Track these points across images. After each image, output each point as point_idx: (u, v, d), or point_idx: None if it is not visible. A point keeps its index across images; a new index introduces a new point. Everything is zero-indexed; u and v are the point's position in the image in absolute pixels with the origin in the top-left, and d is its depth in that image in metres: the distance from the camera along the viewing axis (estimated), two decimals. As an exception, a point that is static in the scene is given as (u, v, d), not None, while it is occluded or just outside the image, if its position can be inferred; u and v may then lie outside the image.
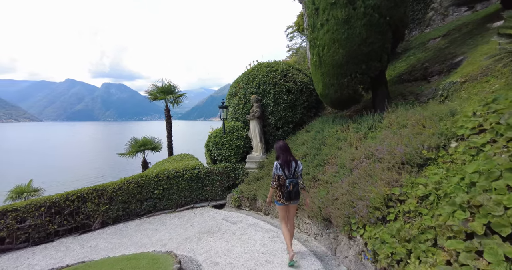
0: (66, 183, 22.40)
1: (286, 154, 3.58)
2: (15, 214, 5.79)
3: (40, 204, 6.01)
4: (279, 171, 3.51)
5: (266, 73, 7.55)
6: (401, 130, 3.75)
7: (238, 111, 7.97)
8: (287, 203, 3.53)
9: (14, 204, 5.94)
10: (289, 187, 3.37)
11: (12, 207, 5.81)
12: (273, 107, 7.33)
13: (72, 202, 6.26)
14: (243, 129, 7.65)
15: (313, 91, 7.77)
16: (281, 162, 3.53)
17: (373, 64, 4.93)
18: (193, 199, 7.36)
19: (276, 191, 3.55)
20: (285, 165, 3.51)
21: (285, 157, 3.54)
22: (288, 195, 3.39)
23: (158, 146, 14.65)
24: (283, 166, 3.51)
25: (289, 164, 3.52)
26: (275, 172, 3.53)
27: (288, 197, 3.40)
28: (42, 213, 5.98)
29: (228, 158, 7.44)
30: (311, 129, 6.84)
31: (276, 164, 3.55)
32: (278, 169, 3.52)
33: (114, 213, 6.67)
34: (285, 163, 3.51)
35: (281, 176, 3.49)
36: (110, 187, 6.63)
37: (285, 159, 3.53)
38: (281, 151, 3.61)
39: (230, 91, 8.66)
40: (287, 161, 3.53)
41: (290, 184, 3.37)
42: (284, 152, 3.58)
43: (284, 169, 3.49)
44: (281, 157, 3.56)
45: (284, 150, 3.60)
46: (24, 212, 5.85)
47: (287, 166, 3.51)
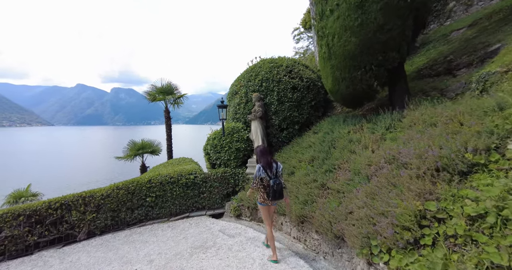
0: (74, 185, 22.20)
1: (267, 155, 3.79)
2: (-11, 224, 5.33)
3: (19, 213, 5.54)
4: (262, 173, 3.70)
5: (269, 70, 7.02)
6: (430, 129, 3.14)
7: (239, 111, 7.43)
8: (271, 203, 3.78)
9: (-9, 212, 5.47)
10: (274, 186, 3.58)
11: (-14, 217, 5.36)
12: (276, 107, 6.77)
13: (55, 210, 5.78)
14: (244, 131, 7.10)
15: (321, 88, 7.19)
16: (263, 164, 3.72)
17: (391, 54, 4.33)
18: (189, 207, 6.80)
19: (260, 193, 3.78)
20: (267, 166, 3.71)
21: (266, 159, 3.75)
22: (274, 194, 3.59)
23: (157, 149, 14.21)
24: (265, 168, 3.70)
25: (271, 165, 3.73)
26: (258, 174, 3.72)
27: (273, 196, 3.60)
28: (20, 222, 5.50)
29: (227, 162, 6.88)
30: (319, 130, 6.24)
31: (259, 166, 3.72)
32: (261, 170, 3.70)
33: (102, 223, 6.16)
34: (267, 164, 3.72)
35: (265, 178, 3.69)
36: (98, 194, 6.14)
37: (267, 160, 3.74)
38: (261, 154, 3.80)
39: (231, 90, 8.15)
40: (269, 163, 3.74)
41: (274, 184, 3.58)
42: (265, 155, 3.79)
43: (266, 170, 3.69)
44: (262, 159, 3.76)
45: (264, 153, 3.81)
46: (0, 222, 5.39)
47: (269, 167, 3.72)
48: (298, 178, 5.00)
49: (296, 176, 5.19)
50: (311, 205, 4.16)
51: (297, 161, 5.69)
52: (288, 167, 5.76)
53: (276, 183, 3.60)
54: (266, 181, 3.70)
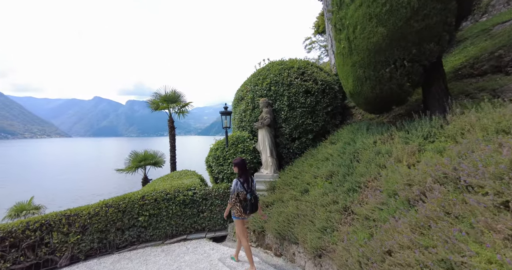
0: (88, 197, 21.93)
1: (246, 171, 4.03)
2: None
3: (-11, 235, 4.96)
4: (240, 187, 3.89)
5: (279, 72, 6.39)
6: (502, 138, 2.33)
7: (244, 119, 6.78)
8: (247, 216, 4.02)
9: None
10: (252, 199, 3.86)
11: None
12: (287, 113, 6.07)
13: (33, 232, 5.19)
14: (250, 141, 6.41)
15: (338, 93, 6.46)
16: (242, 179, 3.93)
17: (427, 47, 3.60)
18: (187, 228, 6.07)
19: (236, 207, 3.93)
20: (245, 181, 3.93)
21: (246, 174, 3.98)
22: (251, 207, 3.86)
23: (160, 160, 13.67)
24: (243, 182, 3.91)
25: (248, 180, 3.96)
26: (236, 188, 3.89)
27: (250, 209, 3.86)
28: (-9, 246, 4.91)
29: (231, 176, 6.16)
30: (337, 140, 5.47)
31: (237, 181, 3.93)
32: (239, 185, 3.89)
33: (88, 245, 5.52)
34: (245, 180, 3.94)
35: (241, 192, 3.89)
36: (84, 212, 5.53)
37: (246, 176, 3.97)
38: (243, 168, 3.99)
39: (236, 96, 7.55)
40: (247, 178, 3.97)
41: (252, 197, 3.86)
42: (245, 170, 4.01)
43: (244, 185, 3.90)
44: (244, 174, 3.96)
45: (245, 167, 4.02)
46: (-32, 245, 4.81)
47: (247, 182, 3.94)
48: (314, 198, 4.22)
49: (311, 195, 4.40)
50: (331, 234, 3.37)
51: (312, 176, 4.92)
52: (301, 183, 4.98)
53: (253, 196, 3.90)
54: (243, 195, 3.88)
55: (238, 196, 3.87)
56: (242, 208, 3.89)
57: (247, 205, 3.85)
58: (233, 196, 3.88)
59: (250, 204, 3.83)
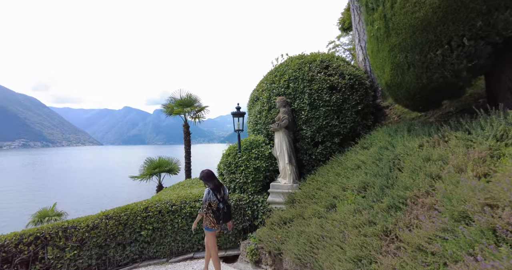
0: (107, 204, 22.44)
1: (215, 179, 4.00)
2: None
3: (-18, 248, 4.66)
4: (212, 196, 3.85)
5: (298, 67, 5.70)
6: None
7: (259, 121, 6.13)
8: (220, 227, 4.04)
9: None
10: (224, 208, 3.87)
11: None
12: (308, 113, 5.34)
13: (27, 246, 4.84)
14: (266, 146, 5.74)
15: (369, 88, 5.64)
16: (212, 186, 3.91)
17: (501, 16, 2.75)
18: (194, 245, 5.47)
19: (209, 218, 3.89)
20: (217, 189, 3.93)
21: (214, 182, 3.96)
22: (224, 216, 3.87)
23: (174, 167, 13.33)
24: (215, 191, 3.90)
25: (219, 188, 3.98)
26: (208, 197, 3.84)
27: (224, 219, 3.87)
28: (-17, 261, 4.60)
29: (243, 186, 5.50)
30: (370, 144, 4.64)
31: (208, 190, 3.90)
32: (211, 194, 3.86)
33: (85, 262, 5.08)
34: (216, 188, 3.93)
35: (214, 201, 3.85)
36: (82, 224, 5.12)
37: (216, 183, 3.97)
38: (208, 178, 3.95)
39: (251, 97, 6.95)
40: (218, 186, 3.98)
41: (224, 206, 3.87)
42: (213, 178, 3.98)
43: (216, 194, 3.88)
44: (211, 182, 3.93)
45: (212, 176, 3.99)
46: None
47: (218, 191, 3.94)
48: (343, 216, 3.43)
49: (339, 211, 3.61)
50: (368, 267, 2.57)
51: (340, 188, 4.13)
52: (326, 196, 4.20)
53: (226, 205, 3.90)
54: (215, 205, 3.86)
55: (210, 205, 3.86)
56: (215, 218, 3.88)
57: (220, 215, 3.85)
58: (204, 205, 3.85)
59: (223, 213, 3.85)
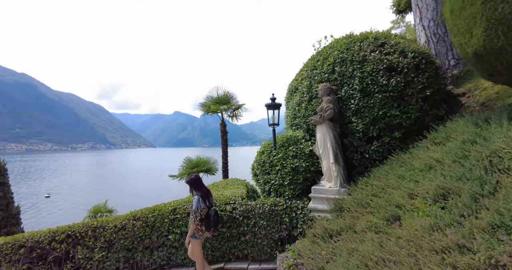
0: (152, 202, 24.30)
1: (203, 185, 4.07)
2: (-12, 256, 4.66)
3: (21, 244, 4.79)
4: (202, 204, 3.83)
5: (346, 46, 4.85)
6: None
7: (298, 114, 5.41)
8: (208, 235, 4.06)
9: (-12, 240, 4.87)
10: (214, 216, 3.91)
11: (-17, 246, 4.73)
12: (359, 101, 4.46)
13: (59, 244, 4.86)
14: (306, 142, 4.99)
15: (438, 69, 4.52)
16: (201, 194, 3.92)
17: None
18: (225, 253, 4.97)
19: (198, 226, 3.86)
20: (205, 196, 3.95)
21: (202, 189, 4.01)
22: (214, 223, 3.90)
23: (212, 167, 13.21)
24: (204, 198, 3.90)
25: (208, 195, 4.03)
26: (198, 205, 3.80)
27: (214, 226, 3.92)
28: (20, 257, 4.70)
29: (279, 188, 4.84)
30: (445, 138, 3.61)
31: (198, 198, 3.86)
32: (201, 202, 3.84)
33: (113, 265, 4.94)
34: (205, 195, 3.96)
35: (204, 209, 3.85)
36: (110, 225, 5.00)
37: (203, 191, 4.01)
38: (197, 184, 4.00)
39: (289, 88, 6.27)
40: (206, 193, 4.02)
41: (214, 213, 3.93)
42: (201, 184, 4.05)
43: (205, 201, 3.89)
44: (200, 189, 3.96)
45: (201, 182, 4.07)
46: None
47: (207, 197, 3.97)
48: (413, 233, 2.55)
49: (407, 226, 2.73)
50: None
51: (405, 194, 3.22)
52: (386, 205, 3.32)
53: (215, 211, 3.95)
54: (204, 212, 3.82)
55: (200, 213, 3.81)
56: (205, 226, 3.84)
57: (210, 222, 3.83)
58: (197, 214, 3.76)
59: (214, 220, 3.84)
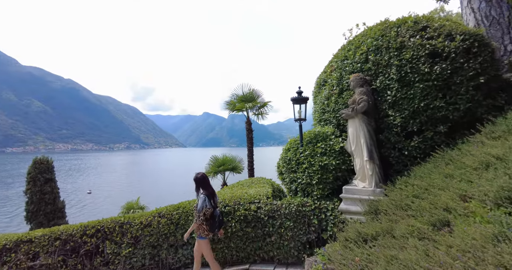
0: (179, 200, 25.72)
1: (210, 184, 4.03)
2: (29, 247, 4.90)
3: (56, 236, 4.98)
4: (208, 203, 3.77)
5: (381, 33, 4.40)
6: None
7: (327, 108, 5.05)
8: (213, 234, 4.02)
9: (31, 233, 5.12)
10: (220, 216, 3.91)
11: (28, 237, 4.98)
12: (397, 92, 4.00)
13: (90, 238, 4.99)
14: (336, 138, 4.62)
15: (494, 53, 3.90)
16: (208, 193, 3.87)
17: None
18: (250, 254, 4.76)
19: (203, 226, 3.79)
20: (212, 196, 3.92)
21: (210, 187, 4.00)
22: (219, 224, 3.86)
23: (238, 166, 13.15)
24: (210, 198, 3.85)
25: (214, 194, 3.99)
26: (204, 204, 3.73)
27: (219, 225, 3.89)
28: (56, 249, 4.89)
29: (307, 188, 4.52)
30: (507, 132, 3.07)
31: (204, 197, 3.79)
32: (207, 201, 3.77)
33: (139, 261, 4.96)
34: (211, 194, 3.93)
35: (209, 209, 3.76)
36: (136, 221, 5.04)
37: (212, 190, 3.99)
38: (204, 182, 3.94)
39: (317, 82, 5.91)
40: (212, 192, 3.98)
41: (220, 213, 3.94)
42: (209, 183, 4.00)
43: (210, 200, 3.83)
44: (206, 190, 3.90)
45: (208, 181, 4.00)
46: (37, 245, 4.89)
47: (213, 197, 3.96)
48: (469, 243, 2.13)
49: (459, 234, 2.30)
50: None
51: (456, 196, 2.77)
52: (431, 208, 2.89)
53: (220, 212, 3.99)
54: (209, 212, 3.76)
55: (204, 214, 3.76)
56: (209, 226, 3.81)
57: (215, 222, 3.80)
58: (202, 214, 3.72)
59: (219, 220, 3.82)
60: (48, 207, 11.70)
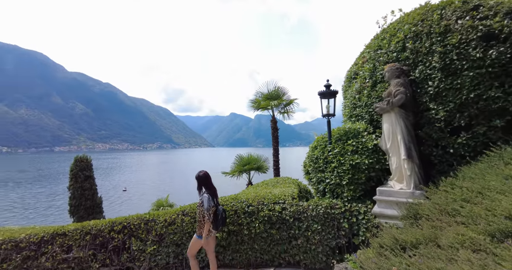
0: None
1: (212, 183, 3.97)
2: (63, 239, 5.10)
3: (87, 231, 5.13)
4: (211, 202, 3.75)
5: (421, 18, 3.92)
6: None
7: (359, 103, 4.66)
8: (215, 233, 4.01)
9: (65, 226, 5.32)
10: (223, 213, 3.89)
11: (62, 230, 5.18)
12: (440, 83, 3.52)
13: (117, 234, 5.07)
14: (369, 135, 4.20)
15: None
16: (210, 191, 3.84)
17: None
18: (274, 258, 4.52)
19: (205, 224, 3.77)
20: (214, 194, 3.89)
21: (213, 186, 3.94)
22: (222, 221, 3.86)
23: (263, 165, 12.93)
24: (213, 196, 3.83)
25: (215, 193, 3.96)
26: (210, 204, 3.69)
27: (222, 223, 3.89)
28: (87, 243, 5.03)
29: (336, 189, 4.17)
30: None
31: (208, 196, 3.75)
32: (211, 200, 3.75)
33: (164, 259, 4.94)
34: (214, 193, 3.89)
35: (213, 207, 3.76)
36: (161, 219, 5.03)
37: (214, 188, 3.95)
38: (207, 181, 3.91)
39: (348, 75, 5.51)
40: (214, 191, 3.94)
41: (223, 211, 3.92)
42: (211, 182, 3.96)
43: (213, 199, 3.83)
44: (209, 189, 3.87)
45: (210, 180, 3.97)
46: (70, 239, 5.07)
47: (215, 195, 3.95)
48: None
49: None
50: None
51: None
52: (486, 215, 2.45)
53: (222, 209, 3.94)
54: (213, 210, 3.76)
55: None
56: (213, 224, 3.79)
57: (219, 221, 3.80)
58: (209, 213, 3.67)
59: (222, 218, 3.82)
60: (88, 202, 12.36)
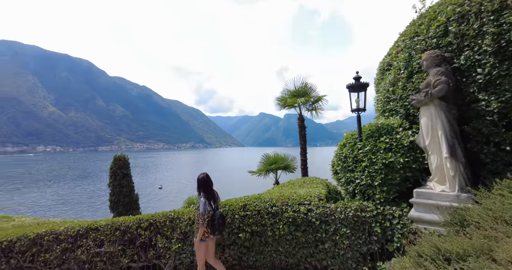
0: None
1: (211, 187, 3.97)
2: (96, 234, 5.33)
3: (116, 227, 5.31)
4: (208, 206, 3.73)
5: (466, -5, 3.41)
6: None
7: (393, 97, 4.23)
8: (214, 237, 3.96)
9: (97, 222, 5.57)
10: (221, 218, 3.81)
11: (95, 225, 5.42)
12: (492, 69, 3.03)
13: (144, 231, 5.18)
14: (405, 131, 3.78)
15: None
16: (207, 195, 3.84)
17: None
18: (300, 261, 4.29)
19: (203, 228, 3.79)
20: (212, 199, 3.90)
21: (212, 191, 3.96)
22: (219, 226, 3.78)
23: (290, 164, 12.59)
24: (210, 200, 3.82)
25: (215, 197, 3.99)
26: (206, 208, 3.69)
27: (219, 228, 3.82)
28: (116, 238, 5.21)
29: (367, 190, 3.81)
30: None
31: (204, 200, 3.74)
32: (207, 204, 3.73)
33: (188, 258, 4.94)
34: (212, 197, 3.91)
35: (209, 211, 3.73)
36: (185, 217, 5.04)
37: (213, 193, 3.98)
38: (207, 185, 3.91)
39: (381, 66, 5.08)
40: (214, 195, 3.99)
41: (220, 215, 3.82)
42: (211, 185, 3.97)
43: (211, 203, 3.81)
44: (208, 192, 3.87)
45: (210, 183, 3.97)
46: (101, 234, 5.28)
47: (214, 199, 3.94)
48: None
49: None
50: None
51: None
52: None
53: (220, 213, 3.85)
54: (210, 215, 3.73)
55: (208, 216, 3.74)
56: (210, 228, 3.78)
57: (216, 225, 3.76)
58: (205, 217, 3.68)
59: (218, 223, 3.77)
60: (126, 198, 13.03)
